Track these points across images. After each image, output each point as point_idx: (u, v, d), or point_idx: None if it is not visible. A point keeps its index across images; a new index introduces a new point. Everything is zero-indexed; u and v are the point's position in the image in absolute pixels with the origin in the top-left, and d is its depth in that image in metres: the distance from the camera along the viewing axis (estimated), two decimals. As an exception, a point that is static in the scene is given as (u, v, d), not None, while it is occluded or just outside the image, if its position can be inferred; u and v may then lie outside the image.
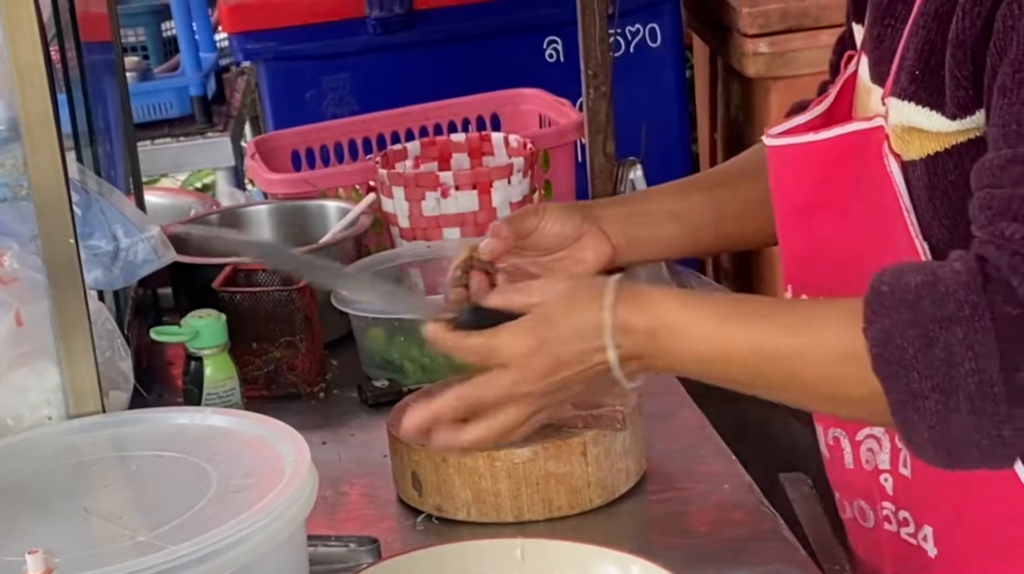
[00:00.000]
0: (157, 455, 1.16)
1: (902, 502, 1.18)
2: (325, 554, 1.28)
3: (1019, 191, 0.97)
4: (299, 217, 1.96)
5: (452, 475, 1.33)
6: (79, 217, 1.40)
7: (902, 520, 1.19)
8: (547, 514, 1.32)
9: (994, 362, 0.93)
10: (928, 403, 0.95)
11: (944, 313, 0.95)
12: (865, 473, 1.21)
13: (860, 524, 1.25)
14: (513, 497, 1.32)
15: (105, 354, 1.33)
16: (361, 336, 1.69)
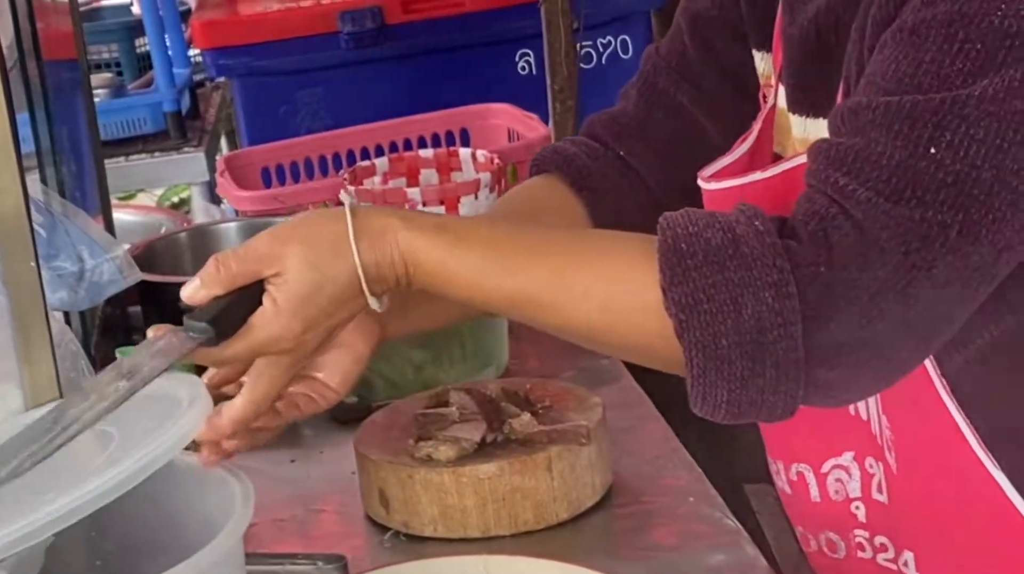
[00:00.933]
0: None
1: (879, 528, 1.16)
2: (294, 573, 1.29)
3: (856, 141, 0.95)
4: (269, 234, 1.96)
5: (419, 491, 1.33)
6: (43, 239, 1.40)
7: (879, 546, 1.17)
8: (513, 529, 1.32)
9: (798, 326, 0.92)
10: (734, 368, 0.94)
11: (751, 276, 0.93)
12: (834, 504, 1.19)
13: (829, 556, 1.23)
14: (479, 513, 1.32)
15: (69, 375, 1.32)
16: (330, 352, 1.69)
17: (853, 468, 1.16)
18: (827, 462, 1.18)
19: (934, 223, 0.93)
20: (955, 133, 0.93)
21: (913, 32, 0.96)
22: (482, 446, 1.35)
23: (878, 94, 0.96)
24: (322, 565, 1.28)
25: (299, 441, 1.61)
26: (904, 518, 1.14)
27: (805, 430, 1.08)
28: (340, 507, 1.44)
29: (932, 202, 0.93)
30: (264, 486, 1.43)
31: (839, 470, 1.17)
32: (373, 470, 1.37)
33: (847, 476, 1.17)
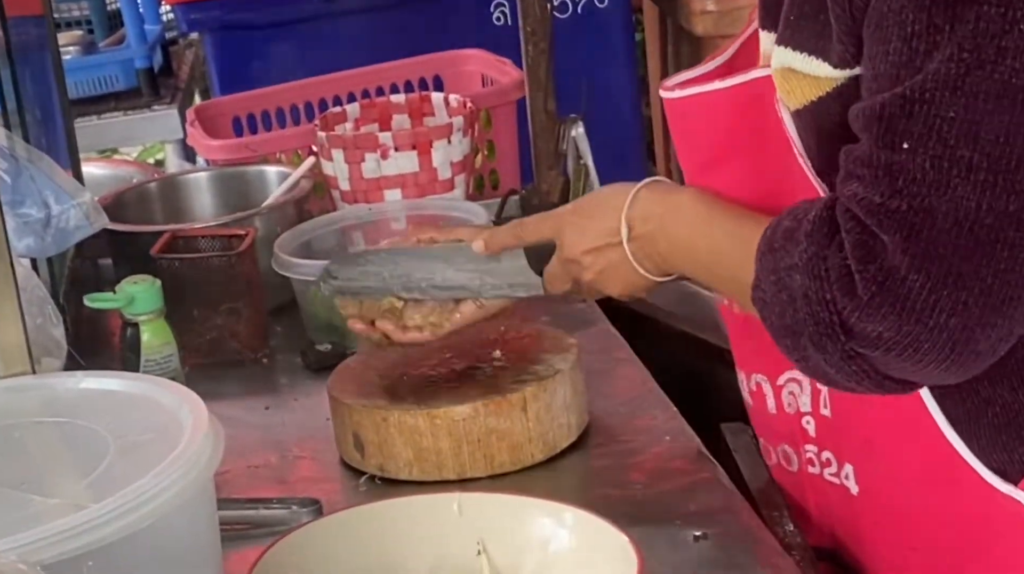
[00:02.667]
0: (36, 422, 1.14)
1: (824, 443, 1.19)
2: (268, 517, 1.28)
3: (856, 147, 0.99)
4: (240, 183, 1.94)
5: (393, 434, 1.32)
6: (8, 185, 1.38)
7: (824, 461, 1.20)
8: (489, 471, 1.31)
9: (826, 307, 0.99)
10: (785, 341, 1.04)
11: (791, 261, 1.01)
12: (787, 417, 1.21)
13: (785, 469, 1.25)
14: (455, 455, 1.31)
15: (36, 321, 1.31)
16: (304, 301, 1.68)
17: (805, 381, 1.18)
18: (783, 374, 1.20)
19: (920, 210, 0.95)
20: (923, 121, 0.95)
21: (878, 26, 0.98)
22: (456, 388, 1.34)
23: (866, 95, 1.00)
24: (296, 509, 1.28)
25: (273, 389, 1.61)
26: (843, 430, 1.17)
27: (765, 342, 1.08)
28: (315, 453, 1.43)
29: (916, 192, 0.95)
30: (238, 433, 1.43)
31: (793, 383, 1.20)
32: (347, 414, 1.36)
33: (799, 389, 1.19)
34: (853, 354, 0.99)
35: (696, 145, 1.21)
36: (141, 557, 0.99)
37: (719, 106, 1.15)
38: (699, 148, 1.20)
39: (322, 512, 1.26)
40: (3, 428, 1.13)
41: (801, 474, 1.23)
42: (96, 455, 1.06)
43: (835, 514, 1.21)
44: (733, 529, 1.18)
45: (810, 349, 1.01)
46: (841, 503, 1.19)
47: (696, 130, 1.20)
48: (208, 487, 1.07)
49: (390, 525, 1.09)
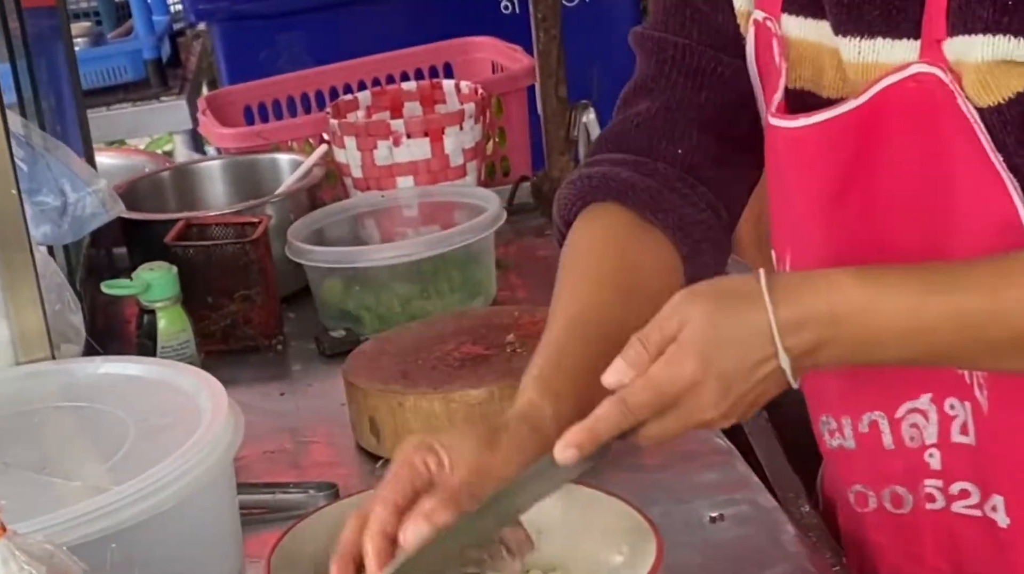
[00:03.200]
0: (56, 407, 1.15)
1: (959, 474, 1.08)
2: (285, 501, 1.28)
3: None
4: (252, 171, 1.95)
5: (409, 419, 1.32)
6: (24, 173, 1.39)
7: (957, 493, 1.09)
8: None
9: None
10: None
11: None
12: (908, 451, 1.09)
13: (891, 512, 1.13)
14: None
15: (55, 307, 1.32)
16: (317, 288, 1.69)
17: (931, 411, 1.08)
18: (902, 406, 1.09)
19: None
20: None
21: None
22: (471, 371, 1.35)
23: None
24: (313, 493, 1.28)
25: (287, 375, 1.61)
26: (995, 460, 1.06)
27: (878, 376, 1.01)
28: (330, 438, 1.44)
29: None
30: (253, 419, 1.43)
31: (915, 414, 1.09)
32: (362, 399, 1.36)
33: (924, 420, 1.08)
34: None
35: (824, 172, 1.05)
36: (164, 539, 1.01)
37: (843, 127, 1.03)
38: (828, 175, 1.05)
39: (339, 496, 1.27)
40: (24, 413, 1.14)
41: (917, 513, 1.11)
42: (116, 439, 1.07)
43: (969, 550, 1.10)
44: (749, 511, 1.18)
45: None
46: (982, 537, 1.08)
47: (826, 156, 1.05)
48: (228, 470, 1.08)
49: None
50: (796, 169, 1.08)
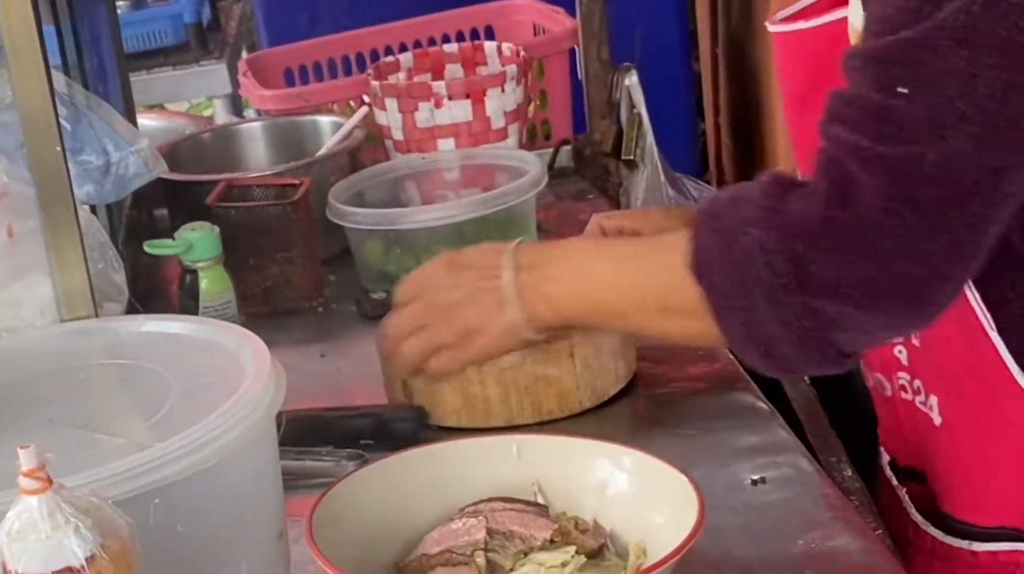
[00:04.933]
0: (100, 364, 1.15)
1: (915, 371, 1.18)
2: (314, 468, 1.27)
3: (847, 90, 0.99)
4: (293, 133, 1.95)
5: (441, 382, 1.32)
6: (68, 132, 1.39)
7: (916, 388, 1.19)
8: (537, 418, 1.31)
9: (783, 257, 0.98)
10: (734, 301, 1.02)
11: (742, 216, 1.01)
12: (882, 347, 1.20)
13: (880, 393, 1.25)
14: (502, 402, 1.31)
15: (98, 266, 1.32)
16: (358, 250, 1.69)
17: None
18: None
19: (911, 157, 0.95)
20: (925, 68, 0.95)
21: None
22: None
23: (867, 38, 1.00)
24: (344, 462, 1.27)
25: (328, 336, 1.62)
26: (930, 362, 1.16)
27: None
28: (369, 400, 1.44)
29: (908, 139, 0.95)
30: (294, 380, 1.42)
31: None
32: (395, 360, 1.36)
33: None
34: (806, 309, 0.99)
35: (794, 77, 1.21)
36: (207, 496, 1.01)
37: (818, 40, 1.15)
38: (796, 80, 1.20)
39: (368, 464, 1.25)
40: (68, 370, 1.15)
41: (895, 399, 1.22)
42: (159, 396, 1.07)
43: (923, 440, 1.20)
44: (791, 474, 1.18)
45: (761, 307, 1.00)
46: (927, 433, 1.18)
47: (795, 63, 1.20)
48: (270, 428, 1.08)
49: (450, 466, 1.10)
50: (779, 68, 1.23)
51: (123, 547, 0.84)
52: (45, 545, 0.81)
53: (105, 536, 0.83)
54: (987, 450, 1.14)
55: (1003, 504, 1.14)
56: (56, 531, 0.81)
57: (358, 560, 1.02)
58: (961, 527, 1.16)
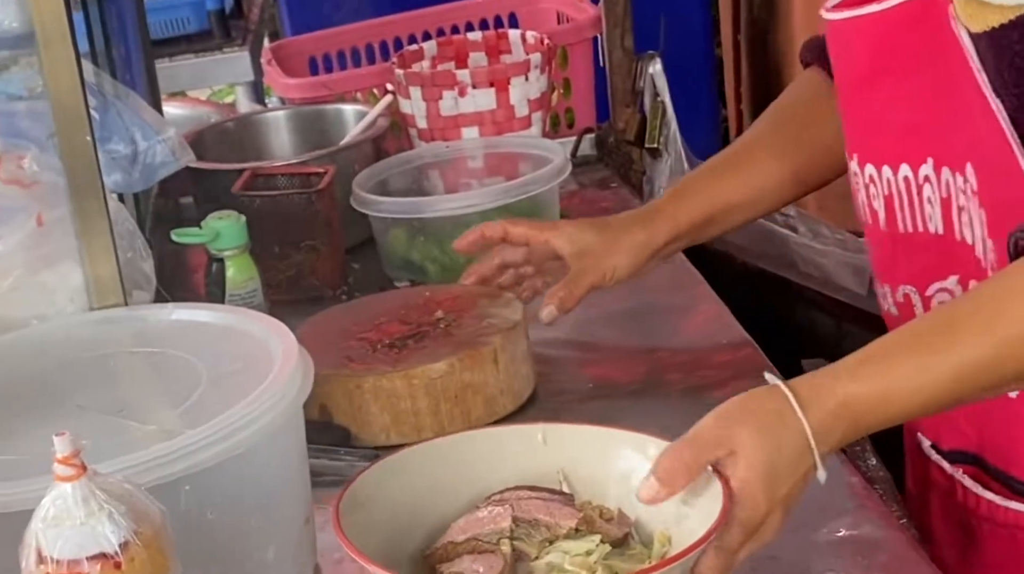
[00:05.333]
0: (130, 352, 1.16)
1: None
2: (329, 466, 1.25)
3: None
4: (317, 122, 1.96)
5: (368, 401, 1.28)
6: (96, 121, 1.40)
7: None
8: (466, 426, 1.29)
9: None
10: None
11: None
12: None
13: None
14: (433, 414, 1.29)
15: (126, 254, 1.33)
16: (382, 238, 1.69)
17: (957, 291, 1.17)
18: (932, 285, 1.18)
19: None
20: None
21: None
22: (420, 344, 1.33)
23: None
24: (358, 462, 1.25)
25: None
26: None
27: (912, 255, 1.10)
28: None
29: None
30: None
31: (943, 293, 1.18)
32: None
33: (949, 299, 1.17)
34: None
35: (853, 63, 1.20)
36: (236, 483, 1.02)
37: (884, 24, 1.15)
38: (858, 64, 1.19)
39: None
40: (98, 357, 1.16)
41: None
42: (189, 384, 1.08)
43: (987, 417, 1.17)
44: (815, 463, 1.17)
45: None
46: (997, 406, 1.14)
47: (854, 49, 1.19)
48: (298, 416, 1.09)
49: (476, 454, 1.10)
50: (834, 55, 1.22)
51: (156, 533, 0.85)
52: (79, 531, 0.82)
53: (138, 522, 0.84)
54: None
55: None
56: (90, 518, 0.82)
57: (384, 547, 1.02)
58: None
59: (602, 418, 1.29)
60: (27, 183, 1.29)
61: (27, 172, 1.29)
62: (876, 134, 1.20)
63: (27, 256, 1.27)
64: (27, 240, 1.27)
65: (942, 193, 1.15)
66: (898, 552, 1.05)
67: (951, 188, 1.14)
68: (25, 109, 1.31)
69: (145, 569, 0.83)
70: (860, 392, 1.00)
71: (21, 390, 1.12)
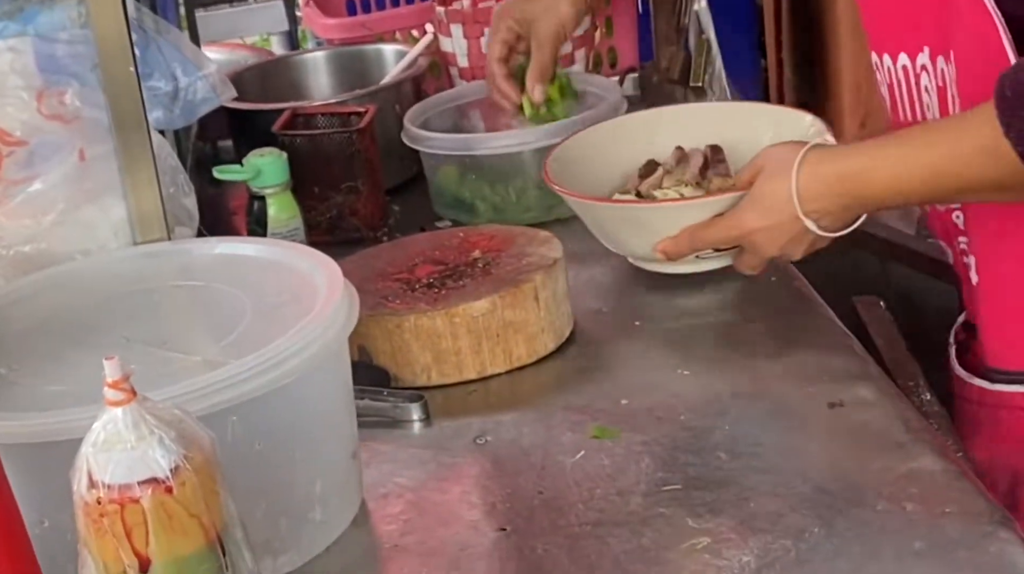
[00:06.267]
0: (175, 286, 1.16)
1: (967, 231, 1.25)
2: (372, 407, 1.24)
3: None
4: (357, 62, 1.94)
5: (408, 341, 1.27)
6: (138, 57, 1.39)
7: (967, 249, 1.26)
8: (508, 365, 1.29)
9: None
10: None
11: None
12: (939, 214, 1.29)
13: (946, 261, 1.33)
14: (474, 353, 1.28)
15: (169, 190, 1.32)
16: (432, 175, 1.67)
17: None
18: None
19: None
20: None
21: None
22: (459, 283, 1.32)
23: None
24: (404, 402, 1.24)
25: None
26: (972, 223, 1.24)
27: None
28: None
29: None
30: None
31: None
32: None
33: None
34: None
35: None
36: (282, 415, 1.01)
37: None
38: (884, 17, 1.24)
39: (427, 407, 1.24)
40: (143, 291, 1.15)
41: (958, 265, 1.29)
42: (234, 317, 1.07)
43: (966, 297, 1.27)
44: (868, 398, 1.16)
45: None
46: (969, 291, 1.24)
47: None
48: (344, 349, 1.08)
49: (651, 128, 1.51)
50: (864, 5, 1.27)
51: (206, 459, 0.84)
52: (130, 455, 0.81)
53: (188, 448, 0.83)
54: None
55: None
56: (141, 442, 0.81)
57: None
58: (1009, 375, 1.22)
59: (646, 352, 1.29)
60: (68, 119, 1.28)
61: (68, 108, 1.28)
62: (881, 22, 1.24)
63: (70, 191, 1.26)
64: (70, 175, 1.26)
65: (938, 82, 1.18)
66: (954, 484, 1.03)
67: (946, 77, 1.17)
68: (66, 45, 1.30)
69: (196, 494, 0.83)
70: (849, 167, 1.18)
71: (66, 325, 1.12)
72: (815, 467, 1.07)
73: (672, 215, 1.32)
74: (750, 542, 0.99)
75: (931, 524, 0.98)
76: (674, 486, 1.07)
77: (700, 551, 0.99)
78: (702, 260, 1.36)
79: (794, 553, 0.97)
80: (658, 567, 0.98)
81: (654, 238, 1.33)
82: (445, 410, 1.24)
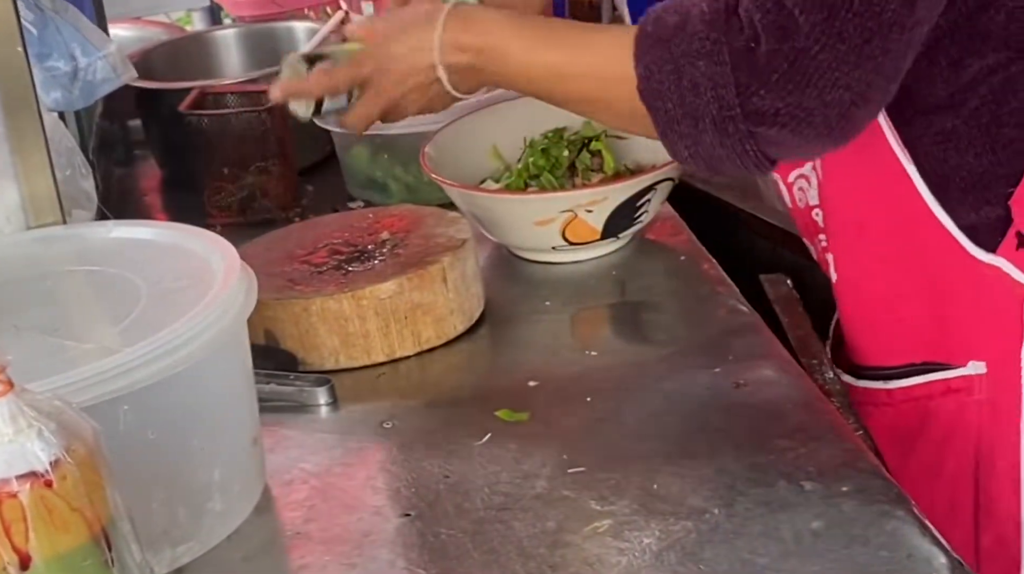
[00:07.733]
0: (68, 271, 1.14)
1: (825, 229, 1.25)
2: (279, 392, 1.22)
3: None
4: (268, 40, 1.91)
5: (315, 323, 1.26)
6: (34, 37, 1.36)
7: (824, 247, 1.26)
8: (416, 347, 1.28)
9: (730, 90, 1.05)
10: (682, 127, 1.09)
11: (690, 49, 1.06)
12: (800, 211, 1.29)
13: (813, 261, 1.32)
14: (383, 335, 1.27)
15: (65, 172, 1.29)
16: (344, 154, 1.66)
17: (812, 177, 1.26)
18: (792, 172, 1.28)
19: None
20: None
21: None
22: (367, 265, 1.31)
23: None
24: (310, 387, 1.22)
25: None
26: (833, 218, 1.24)
27: None
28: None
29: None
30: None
31: (801, 179, 1.28)
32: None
33: (807, 184, 1.27)
34: (748, 135, 1.06)
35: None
36: (177, 402, 1.00)
37: None
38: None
39: (334, 391, 1.22)
40: (36, 277, 1.13)
41: (820, 262, 1.29)
42: (129, 302, 1.05)
43: None
44: (772, 376, 1.16)
45: (708, 133, 1.07)
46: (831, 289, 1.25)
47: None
48: (242, 333, 1.07)
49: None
50: None
51: (89, 452, 0.82)
52: (7, 449, 0.79)
53: (70, 440, 0.81)
54: (900, 292, 1.19)
55: (912, 343, 1.20)
56: (19, 435, 0.79)
57: None
58: (873, 372, 1.23)
59: (555, 334, 1.28)
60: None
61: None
62: None
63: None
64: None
65: None
66: (855, 464, 1.03)
67: None
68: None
69: (78, 488, 0.81)
70: (492, 43, 1.18)
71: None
72: (718, 448, 1.07)
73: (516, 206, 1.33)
74: (652, 524, 0.99)
75: (829, 503, 0.99)
76: (579, 468, 1.06)
77: (603, 534, 0.99)
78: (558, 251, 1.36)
79: (695, 534, 0.97)
80: (560, 550, 0.98)
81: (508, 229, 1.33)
82: (353, 394, 1.23)
